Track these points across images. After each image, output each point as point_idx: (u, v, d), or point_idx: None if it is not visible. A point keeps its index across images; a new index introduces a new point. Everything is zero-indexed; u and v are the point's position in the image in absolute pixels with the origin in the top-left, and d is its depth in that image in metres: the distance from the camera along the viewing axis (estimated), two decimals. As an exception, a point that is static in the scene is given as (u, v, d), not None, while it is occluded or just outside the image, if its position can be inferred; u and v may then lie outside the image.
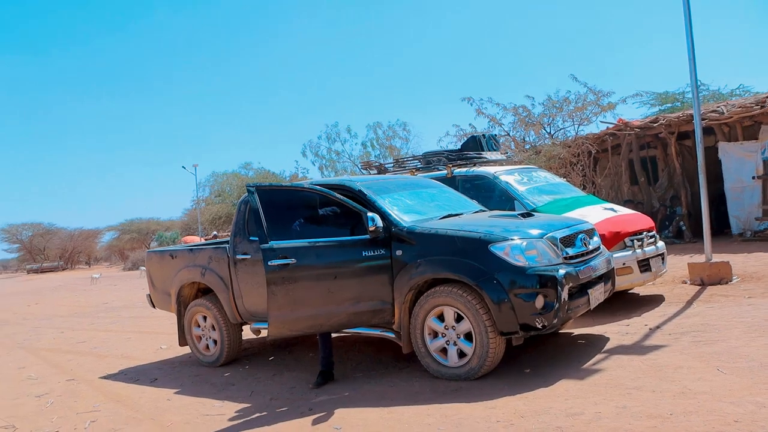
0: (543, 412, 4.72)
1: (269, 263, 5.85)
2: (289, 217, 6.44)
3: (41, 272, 62.11)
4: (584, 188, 15.67)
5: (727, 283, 9.23)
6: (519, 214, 6.69)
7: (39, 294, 28.59)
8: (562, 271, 5.65)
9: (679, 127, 15.57)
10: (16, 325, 15.64)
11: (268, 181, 23.24)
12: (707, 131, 15.71)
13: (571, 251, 6.04)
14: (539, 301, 5.50)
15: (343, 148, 34.69)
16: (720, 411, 4.25)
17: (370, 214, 6.15)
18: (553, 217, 7.08)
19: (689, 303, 8.19)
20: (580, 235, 6.31)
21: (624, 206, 14.20)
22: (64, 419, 6.27)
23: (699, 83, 25.34)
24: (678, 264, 11.05)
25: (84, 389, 7.54)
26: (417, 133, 35.30)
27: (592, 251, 6.39)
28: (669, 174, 16.86)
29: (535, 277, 5.54)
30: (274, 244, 5.91)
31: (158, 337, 10.80)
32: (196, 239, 32.21)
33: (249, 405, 6.07)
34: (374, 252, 6.22)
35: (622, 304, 8.56)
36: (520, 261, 5.60)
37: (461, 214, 6.89)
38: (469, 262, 5.73)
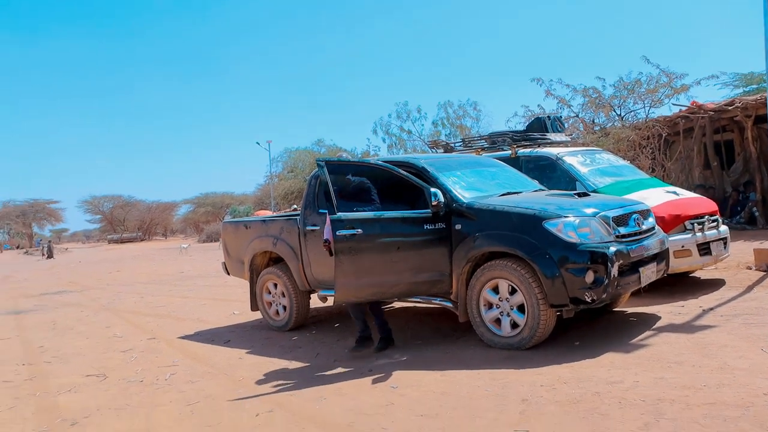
0: (585, 379, 4.99)
1: (337, 233, 6.24)
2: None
3: (121, 242, 64.55)
4: (653, 172, 15.53)
5: (792, 270, 9.19)
6: (575, 194, 6.92)
7: (120, 262, 29.95)
8: (612, 249, 5.88)
9: (756, 111, 15.16)
10: (100, 290, 16.60)
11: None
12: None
13: (623, 230, 6.25)
14: (589, 276, 5.75)
15: (413, 126, 34.95)
16: (752, 385, 4.45)
17: (432, 189, 6.49)
18: (608, 198, 7.27)
19: (749, 288, 8.24)
20: (633, 216, 6.50)
21: (695, 191, 14.16)
22: (147, 371, 6.84)
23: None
24: (746, 250, 10.99)
25: (164, 347, 8.13)
26: (487, 113, 35.18)
27: (645, 231, 6.57)
28: (745, 159, 16.54)
29: (586, 253, 5.79)
30: (342, 215, 6.30)
31: (231, 304, 11.38)
32: (269, 213, 33.05)
33: (313, 365, 6.51)
34: (435, 226, 6.57)
35: (682, 286, 8.66)
36: (572, 237, 5.86)
37: (520, 192, 7.14)
38: (523, 237, 6.02)
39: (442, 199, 6.47)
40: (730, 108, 15.46)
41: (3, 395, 6.28)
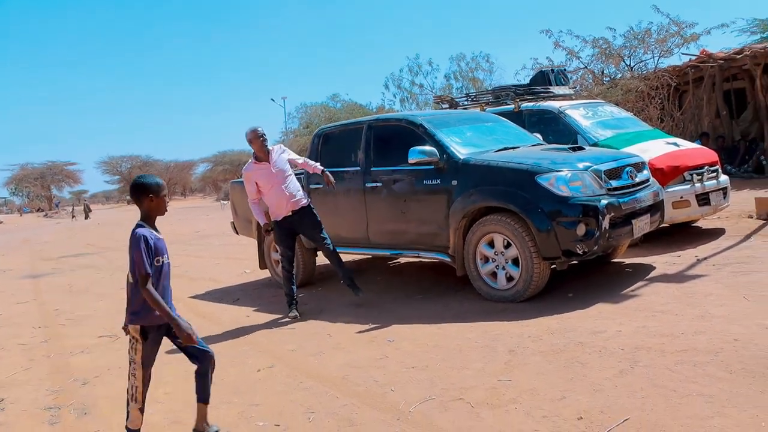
0: (571, 329, 5.17)
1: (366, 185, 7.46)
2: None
3: (140, 203, 64.68)
4: (662, 122, 15.48)
5: (793, 218, 9.25)
6: (569, 148, 7.01)
7: (138, 223, 30.27)
8: (604, 202, 6.00)
9: (766, 59, 15.05)
10: (117, 252, 16.89)
11: (345, 118, 24.03)
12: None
13: (615, 183, 6.35)
14: (581, 229, 5.89)
15: (425, 80, 34.80)
16: (726, 332, 4.61)
17: (428, 147, 6.65)
18: (601, 151, 7.35)
19: (747, 237, 8.33)
20: (627, 168, 6.59)
21: (700, 138, 14.13)
22: (157, 330, 7.08)
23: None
24: (751, 199, 11.01)
25: (175, 306, 8.35)
26: (500, 66, 35.08)
27: (638, 184, 6.67)
28: (754, 107, 16.42)
29: (577, 207, 5.92)
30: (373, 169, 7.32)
31: (243, 262, 11.61)
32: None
33: (316, 321, 6.73)
34: (433, 181, 6.79)
35: (682, 236, 8.76)
36: (563, 191, 5.98)
37: (518, 147, 7.25)
38: (517, 192, 6.16)
39: (437, 155, 6.64)
40: (739, 57, 15.29)
41: (19, 357, 6.55)
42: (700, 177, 8.39)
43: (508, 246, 6.30)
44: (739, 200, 11.15)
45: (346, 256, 9.17)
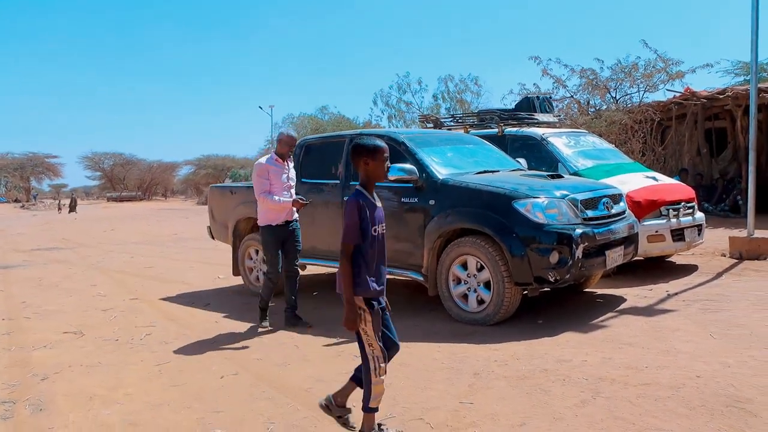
0: (537, 356, 5.19)
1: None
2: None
3: (120, 201, 64.55)
4: (643, 155, 15.65)
5: (765, 259, 9.36)
6: (548, 175, 7.07)
7: (116, 221, 30.13)
8: (579, 231, 6.04)
9: (747, 101, 15.27)
10: (91, 248, 16.79)
11: (332, 131, 24.06)
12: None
13: (591, 213, 6.40)
14: (554, 257, 5.92)
15: (413, 99, 34.95)
16: (689, 368, 4.66)
17: (408, 165, 6.66)
18: (579, 180, 7.41)
19: (719, 275, 8.43)
20: (603, 199, 6.65)
21: (680, 173, 14.29)
22: (124, 330, 7.02)
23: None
24: (725, 237, 11.14)
25: (145, 308, 8.31)
26: (488, 89, 35.24)
27: (614, 215, 6.72)
28: (734, 147, 16.66)
29: (552, 234, 5.96)
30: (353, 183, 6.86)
31: (218, 267, 11.55)
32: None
33: (285, 332, 6.70)
34: (411, 199, 6.82)
35: (656, 270, 8.85)
36: (539, 218, 6.02)
37: (498, 171, 7.28)
38: (493, 216, 6.19)
39: (417, 174, 6.65)
40: (721, 97, 15.55)
41: (-22, 347, 6.47)
42: (676, 212, 8.48)
43: (481, 269, 6.31)
44: (714, 238, 11.29)
45: (321, 269, 9.18)
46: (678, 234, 8.47)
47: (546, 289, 6.62)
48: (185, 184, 75.77)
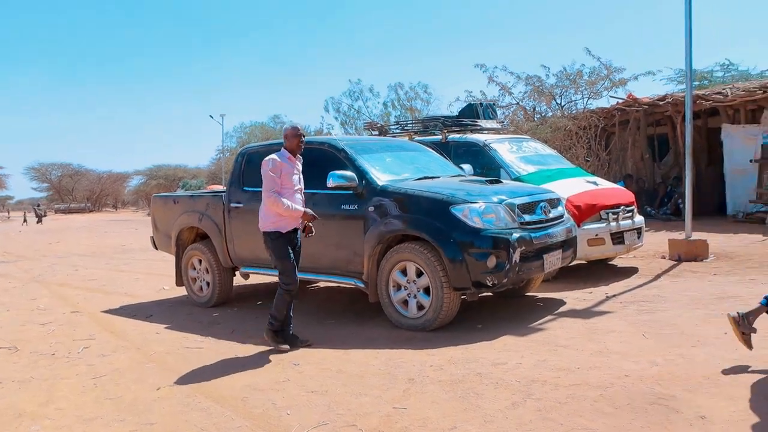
0: (473, 360, 5.23)
1: None
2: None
3: (69, 213, 63.28)
4: (587, 161, 15.93)
5: (702, 260, 9.60)
6: (487, 181, 7.15)
7: (62, 233, 29.53)
8: (515, 235, 6.11)
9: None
10: (34, 261, 16.42)
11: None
12: (713, 113, 15.91)
13: (528, 218, 6.48)
14: (491, 261, 5.97)
15: (365, 106, 35.01)
16: (619, 368, 4.75)
17: (347, 173, 6.67)
18: (517, 185, 7.50)
19: (657, 276, 8.62)
20: (541, 204, 6.74)
21: (624, 179, 14.57)
22: (61, 344, 6.87)
23: (729, 63, 25.27)
24: (665, 240, 11.40)
25: (85, 321, 8.15)
26: (438, 96, 35.41)
27: (551, 219, 6.81)
28: (675, 153, 17.06)
29: (489, 239, 6.01)
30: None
31: (164, 278, 11.39)
32: (222, 188, 32.83)
33: (227, 341, 6.63)
34: (350, 206, 6.80)
35: (597, 273, 9.01)
36: (476, 223, 6.07)
37: (438, 177, 7.33)
38: (431, 222, 6.22)
39: (355, 180, 6.66)
40: (662, 103, 15.93)
41: None
42: (615, 216, 8.63)
43: (420, 275, 6.34)
44: (656, 241, 11.54)
45: (261, 278, 9.12)
46: (618, 237, 8.63)
47: (486, 293, 6.68)
48: (136, 195, 74.65)
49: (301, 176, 6.39)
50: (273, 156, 6.19)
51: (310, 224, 6.19)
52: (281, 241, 6.14)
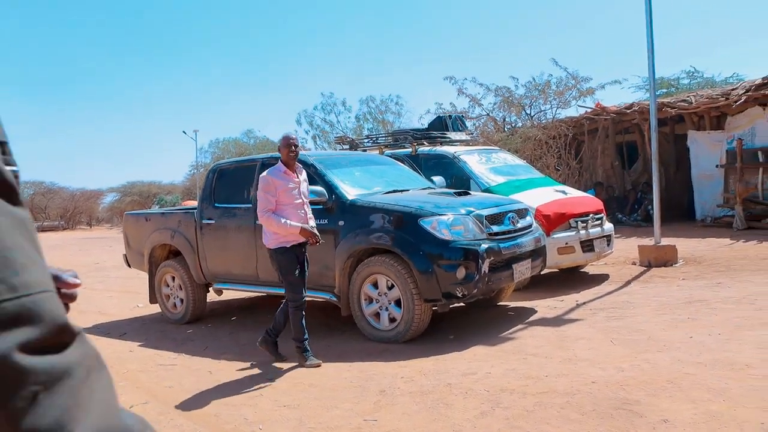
0: (444, 371, 5.29)
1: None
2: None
3: (42, 231, 62.30)
4: (557, 170, 16.12)
5: (671, 265, 9.75)
6: (455, 192, 7.24)
7: (35, 252, 29.12)
8: (484, 246, 6.19)
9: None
10: None
11: (265, 152, 23.98)
12: (679, 119, 16.17)
13: (496, 228, 6.57)
14: (460, 272, 6.05)
15: (338, 119, 34.98)
16: (586, 375, 4.83)
17: (317, 188, 6.72)
18: (485, 197, 7.61)
19: (628, 283, 8.74)
20: (509, 214, 6.83)
21: (594, 188, 14.77)
22: (32, 365, 6.83)
23: (694, 71, 25.67)
24: (636, 246, 11.55)
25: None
26: (410, 108, 35.46)
27: (520, 229, 6.91)
28: (644, 160, 17.31)
29: (458, 250, 6.09)
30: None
31: (138, 296, 11.31)
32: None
33: (200, 357, 6.64)
34: (321, 221, 6.80)
35: (568, 281, 9.11)
36: (445, 235, 6.15)
37: (407, 190, 7.40)
38: (400, 234, 6.29)
39: (325, 195, 6.70)
40: (629, 111, 16.17)
41: None
42: (584, 224, 8.76)
43: (391, 287, 6.40)
44: (627, 247, 11.69)
45: (235, 293, 9.13)
46: (587, 245, 8.75)
47: (456, 304, 6.75)
48: (110, 211, 73.68)
49: (304, 188, 6.21)
50: (265, 174, 6.06)
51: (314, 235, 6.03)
52: (286, 256, 6.03)
